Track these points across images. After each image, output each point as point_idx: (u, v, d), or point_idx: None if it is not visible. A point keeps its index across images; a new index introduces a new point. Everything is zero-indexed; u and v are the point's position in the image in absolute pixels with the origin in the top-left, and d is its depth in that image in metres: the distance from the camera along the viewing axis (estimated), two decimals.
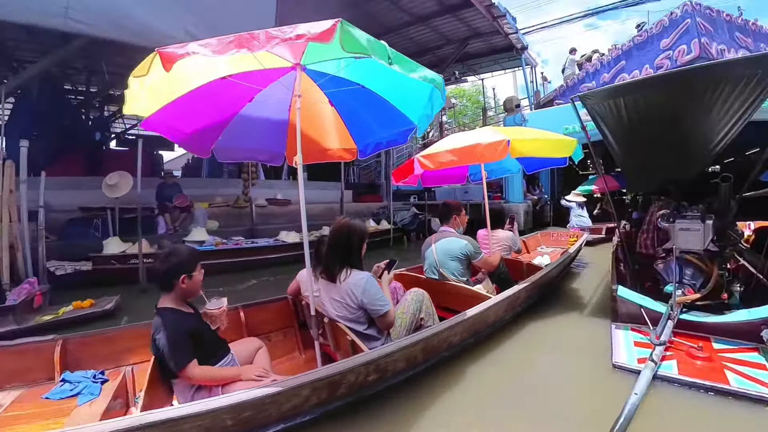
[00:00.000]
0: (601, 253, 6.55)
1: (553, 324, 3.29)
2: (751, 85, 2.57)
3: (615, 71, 9.31)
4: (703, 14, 7.87)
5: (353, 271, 2.06)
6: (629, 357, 2.40)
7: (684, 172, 4.17)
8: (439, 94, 2.35)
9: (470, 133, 3.97)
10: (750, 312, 2.51)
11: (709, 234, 3.09)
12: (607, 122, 3.39)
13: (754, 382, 2.05)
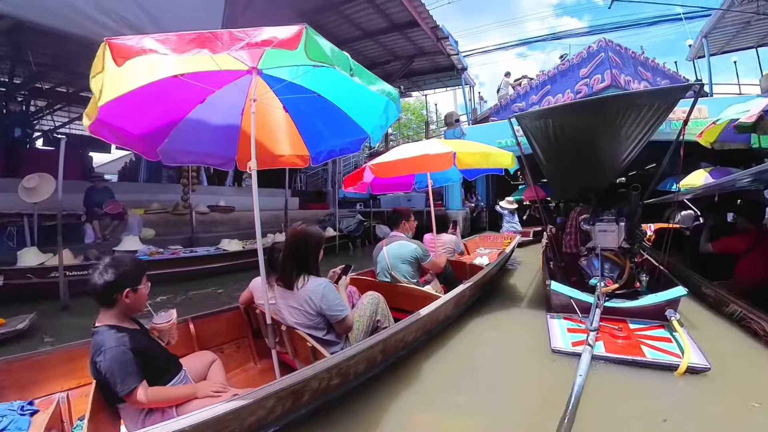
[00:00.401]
0: (531, 253, 7.21)
1: (496, 317, 3.52)
2: (650, 113, 3.07)
3: (542, 94, 10.41)
4: (614, 50, 9.20)
5: (311, 277, 2.02)
6: (565, 342, 2.67)
7: (599, 182, 4.74)
8: (395, 107, 2.42)
9: (419, 144, 4.14)
10: (656, 296, 2.97)
11: (622, 234, 3.58)
12: (537, 139, 3.80)
13: (663, 352, 2.45)
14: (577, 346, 2.54)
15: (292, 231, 2.16)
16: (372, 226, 10.83)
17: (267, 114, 2.56)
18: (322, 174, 15.02)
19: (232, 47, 1.45)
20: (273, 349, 2.02)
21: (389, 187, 5.31)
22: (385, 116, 2.49)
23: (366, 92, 2.28)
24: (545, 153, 4.11)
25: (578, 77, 9.53)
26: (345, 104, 2.64)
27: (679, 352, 2.42)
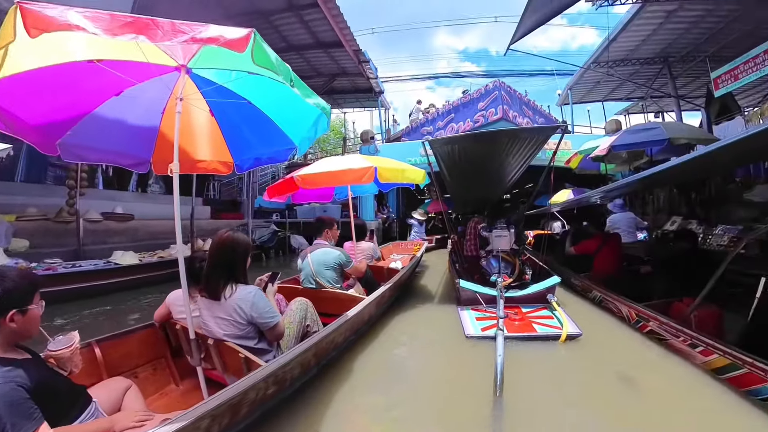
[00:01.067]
0: (435, 257, 7.92)
1: (414, 313, 3.80)
2: (531, 144, 3.82)
3: (447, 120, 11.61)
4: (506, 90, 10.86)
5: (239, 286, 1.89)
6: (476, 329, 3.06)
7: (492, 197, 5.66)
8: (325, 121, 2.43)
9: (342, 158, 4.26)
10: (539, 285, 3.58)
11: (512, 238, 4.28)
12: (444, 160, 4.35)
13: (548, 327, 3.04)
14: (485, 331, 2.97)
15: (218, 238, 2.00)
16: (287, 237, 10.45)
17: (191, 116, 2.36)
18: (237, 183, 13.89)
19: (173, 38, 1.31)
20: (198, 367, 1.82)
21: (309, 198, 5.28)
22: (314, 129, 2.48)
23: (300, 104, 2.26)
24: (450, 172, 4.72)
25: (477, 109, 10.89)
26: (275, 114, 2.57)
27: (560, 325, 3.04)
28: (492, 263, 4.19)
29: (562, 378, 2.32)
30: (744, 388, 1.87)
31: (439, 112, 11.87)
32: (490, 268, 4.20)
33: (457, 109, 11.40)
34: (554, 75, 15.17)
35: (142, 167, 2.42)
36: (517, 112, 10.87)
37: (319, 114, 2.34)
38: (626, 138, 6.00)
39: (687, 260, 3.38)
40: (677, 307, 2.92)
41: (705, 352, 2.16)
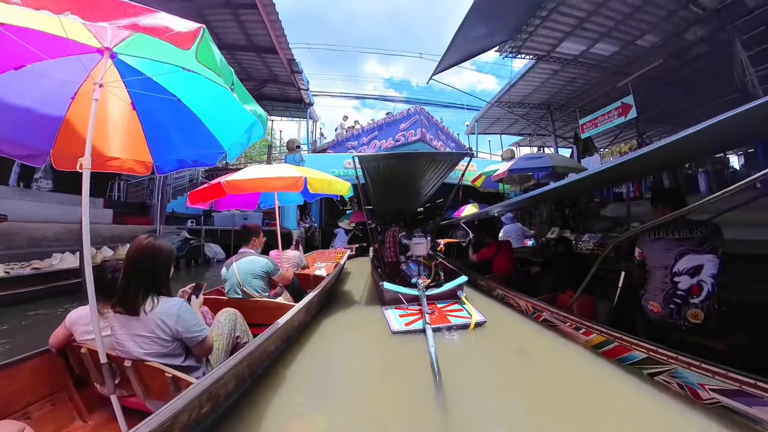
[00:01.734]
0: (357, 265, 7.99)
1: (342, 316, 3.80)
2: (444, 165, 4.43)
3: (371, 137, 12.00)
4: (425, 115, 11.72)
5: (162, 298, 1.64)
6: (400, 325, 3.22)
7: (409, 209, 6.16)
8: (261, 129, 2.32)
9: (272, 167, 4.12)
10: (451, 284, 3.92)
11: (429, 245, 4.72)
12: (370, 175, 4.63)
13: (460, 318, 3.35)
14: (409, 326, 3.18)
15: (137, 245, 1.72)
16: (201, 245, 9.45)
17: (108, 106, 2.04)
18: (147, 184, 11.95)
19: (112, 20, 1.14)
20: (112, 395, 1.52)
21: (235, 204, 4.91)
22: (247, 135, 2.35)
23: (236, 109, 2.15)
24: (375, 186, 5.06)
25: (399, 129, 11.51)
26: (205, 115, 2.39)
27: (469, 316, 3.40)
28: (412, 267, 4.52)
29: (477, 357, 2.70)
30: (616, 357, 2.24)
31: (364, 129, 12.23)
32: (410, 271, 4.49)
33: (381, 127, 11.88)
34: (464, 108, 17.86)
35: (37, 160, 1.97)
36: (433, 136, 11.79)
37: (254, 121, 2.22)
38: (521, 164, 7.14)
39: (565, 261, 4.11)
40: (562, 299, 3.45)
41: (586, 332, 2.52)
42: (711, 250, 2.09)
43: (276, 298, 3.29)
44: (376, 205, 6.24)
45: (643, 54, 8.26)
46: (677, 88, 9.56)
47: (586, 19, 7.03)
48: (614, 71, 8.97)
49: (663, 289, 2.18)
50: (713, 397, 1.65)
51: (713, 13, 6.82)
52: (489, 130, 14.28)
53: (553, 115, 11.66)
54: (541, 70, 9.01)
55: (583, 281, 3.57)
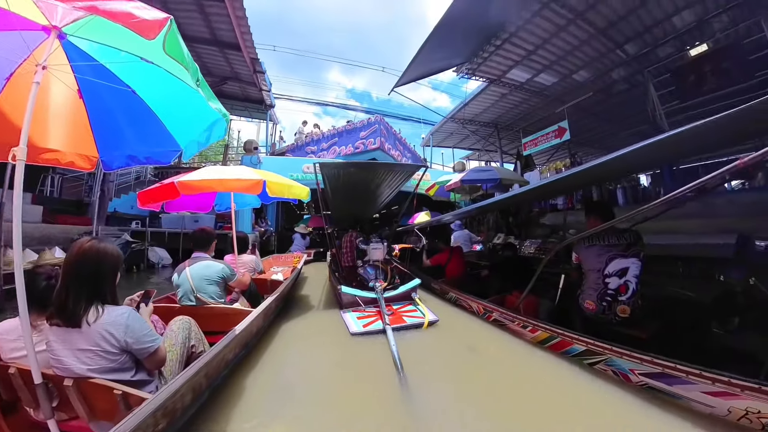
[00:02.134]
0: (314, 269, 7.82)
1: (300, 321, 3.71)
2: (400, 175, 4.71)
3: (331, 143, 11.82)
4: (384, 125, 11.76)
5: (107, 307, 1.45)
6: (358, 327, 3.24)
7: (366, 215, 6.36)
8: (223, 128, 2.19)
9: (230, 168, 3.85)
10: (405, 286, 4.06)
11: (385, 250, 4.82)
12: (330, 181, 4.72)
13: (414, 318, 3.47)
14: (367, 327, 3.22)
15: (79, 249, 1.50)
16: (145, 249, 8.60)
17: (50, 92, 1.79)
18: (87, 179, 10.41)
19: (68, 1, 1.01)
20: (50, 420, 1.31)
21: (188, 206, 4.55)
22: (207, 134, 2.20)
23: (197, 106, 2.00)
24: (334, 192, 5.13)
25: (359, 137, 11.45)
26: (162, 110, 2.20)
27: (423, 315, 3.53)
28: (369, 271, 4.58)
29: (433, 352, 2.83)
30: (560, 351, 2.43)
31: (325, 135, 12.03)
32: (367, 275, 4.55)
33: (341, 134, 11.77)
34: (420, 122, 18.99)
35: None
36: (391, 145, 11.94)
37: (217, 119, 2.09)
38: (472, 175, 7.57)
39: (511, 264, 4.37)
40: (510, 300, 3.68)
41: (532, 330, 2.70)
42: (635, 254, 2.37)
43: (232, 304, 3.11)
44: (335, 210, 6.27)
45: (577, 86, 9.31)
46: (601, 117, 10.85)
47: (534, 52, 7.75)
48: (553, 99, 9.95)
49: (596, 289, 2.42)
50: (641, 380, 1.88)
51: (634, 59, 7.96)
52: (443, 143, 14.88)
53: (500, 133, 12.52)
54: (491, 93, 9.66)
55: (527, 283, 3.91)
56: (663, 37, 7.22)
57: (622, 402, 1.82)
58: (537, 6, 6.35)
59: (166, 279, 7.49)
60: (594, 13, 6.49)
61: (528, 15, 6.59)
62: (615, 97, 9.37)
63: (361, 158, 11.24)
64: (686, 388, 1.67)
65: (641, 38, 7.30)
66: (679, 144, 2.04)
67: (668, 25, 6.87)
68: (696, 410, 1.65)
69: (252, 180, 3.39)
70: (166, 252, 9.56)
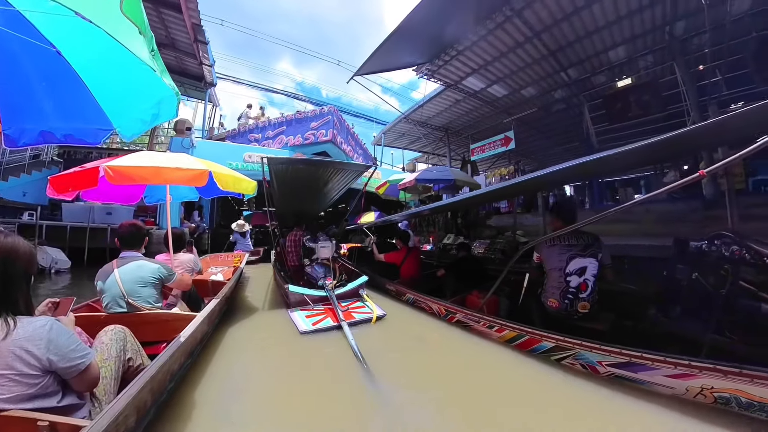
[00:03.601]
0: (256, 270, 7.43)
1: (247, 324, 3.57)
2: (350, 174, 4.90)
3: (278, 131, 11.15)
4: (338, 117, 11.41)
5: (21, 319, 1.21)
6: (307, 325, 3.27)
7: (313, 213, 6.37)
8: (174, 106, 1.91)
9: (169, 155, 3.42)
10: (353, 284, 4.17)
11: (333, 248, 4.92)
12: (278, 177, 4.66)
13: (363, 314, 3.61)
14: (316, 325, 3.27)
15: None
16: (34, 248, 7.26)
17: None
18: None
19: None
20: None
21: (112, 197, 4.01)
22: (153, 112, 1.93)
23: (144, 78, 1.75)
24: (281, 188, 5.03)
25: (309, 127, 10.96)
26: (94, 79, 1.92)
27: (371, 311, 3.68)
28: (317, 269, 4.65)
29: (386, 345, 2.97)
30: (528, 349, 2.54)
31: (271, 122, 11.34)
32: (315, 273, 4.60)
33: (290, 122, 11.20)
34: (373, 121, 19.72)
35: None
36: (343, 139, 11.69)
37: (168, 95, 1.83)
38: (426, 174, 7.86)
39: (466, 264, 4.59)
40: (470, 300, 3.84)
41: (499, 329, 2.78)
42: (592, 254, 2.59)
43: (170, 309, 2.81)
44: (280, 207, 6.04)
45: (524, 101, 10.23)
46: (540, 131, 12.01)
47: (490, 63, 8.29)
48: (502, 110, 10.75)
49: (559, 288, 2.61)
50: (609, 371, 2.06)
51: (574, 82, 9.09)
52: (394, 143, 15.09)
53: (450, 137, 13.12)
54: (447, 97, 10.08)
55: (482, 282, 4.18)
56: (599, 67, 8.39)
57: (589, 392, 1.99)
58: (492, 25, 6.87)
59: (64, 288, 6.47)
60: (549, 35, 7.21)
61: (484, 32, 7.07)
62: (554, 115, 10.47)
63: (311, 151, 10.84)
64: (650, 373, 1.88)
65: (582, 65, 8.36)
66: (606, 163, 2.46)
67: (604, 57, 8.03)
68: (658, 392, 1.86)
69: (196, 170, 3.08)
70: (62, 253, 8.01)
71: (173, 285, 2.82)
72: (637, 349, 1.93)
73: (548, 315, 2.69)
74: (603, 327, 2.52)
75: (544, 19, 6.68)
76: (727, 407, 1.66)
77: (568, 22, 6.74)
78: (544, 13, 6.52)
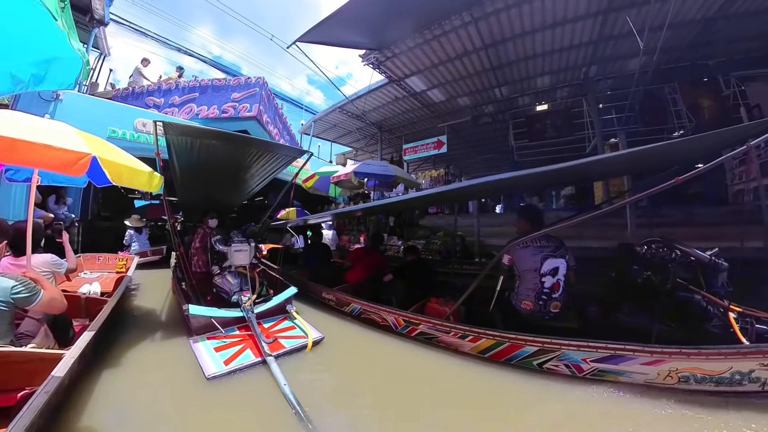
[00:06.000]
0: (156, 277, 6.10)
1: (134, 360, 2.67)
2: (280, 159, 4.08)
3: (186, 98, 9.10)
4: (267, 90, 9.80)
5: None
6: (218, 365, 2.53)
7: (227, 206, 5.43)
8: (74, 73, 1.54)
9: (36, 122, 2.24)
10: (279, 297, 3.56)
11: (253, 252, 4.02)
12: (180, 152, 3.61)
13: (293, 339, 3.03)
14: (231, 362, 2.55)
15: None
16: None
17: None
18: None
19: None
20: None
21: None
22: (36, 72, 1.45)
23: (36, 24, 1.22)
24: (184, 170, 3.97)
25: (229, 98, 9.20)
26: None
27: (304, 334, 3.11)
28: (230, 280, 3.75)
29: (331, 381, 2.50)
30: (507, 356, 2.50)
31: (179, 85, 9.23)
32: (228, 285, 3.73)
33: (204, 89, 9.24)
34: (302, 108, 18.53)
35: None
36: (270, 119, 10.26)
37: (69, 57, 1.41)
38: (365, 168, 7.56)
39: (416, 268, 4.36)
40: (431, 308, 3.48)
41: (474, 339, 2.65)
42: (562, 255, 2.70)
43: (24, 345, 1.97)
44: (184, 195, 4.90)
45: (458, 109, 10.79)
46: (466, 141, 12.86)
47: (436, 66, 8.40)
48: (437, 114, 11.14)
49: (534, 289, 2.65)
50: (592, 366, 2.21)
51: (503, 100, 10.02)
52: (323, 134, 14.26)
53: (383, 135, 13.01)
54: (387, 92, 9.87)
55: (435, 288, 4.05)
56: (527, 90, 9.49)
57: (570, 393, 2.13)
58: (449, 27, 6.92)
59: None
60: (494, 51, 7.64)
61: (439, 32, 7.09)
62: (481, 127, 11.27)
63: (229, 127, 8.97)
64: (629, 363, 2.11)
65: (514, 85, 9.26)
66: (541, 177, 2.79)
67: (533, 82, 9.11)
68: (634, 381, 2.12)
69: (71, 153, 2.03)
70: None
71: (39, 308, 1.98)
72: (619, 342, 2.13)
73: (521, 317, 2.71)
74: (574, 325, 2.68)
75: (495, 35, 7.04)
76: (687, 384, 2.00)
77: (514, 43, 7.31)
78: (497, 29, 6.87)
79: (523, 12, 6.37)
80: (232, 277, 3.78)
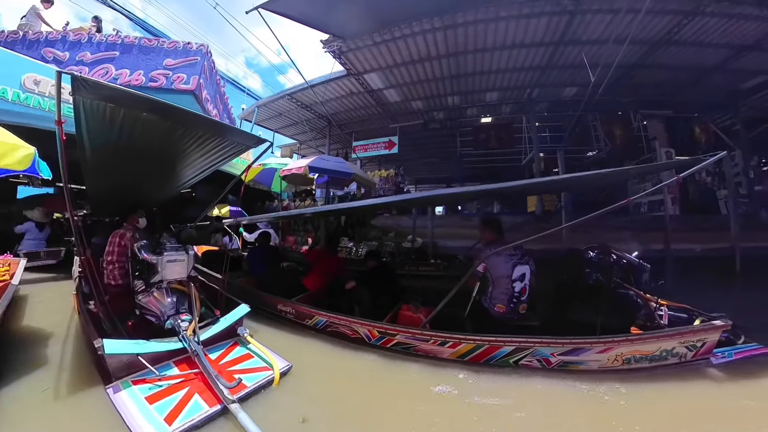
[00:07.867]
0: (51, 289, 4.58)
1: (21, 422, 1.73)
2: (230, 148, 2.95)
3: (101, 56, 6.93)
4: (209, 61, 7.95)
5: None
6: (153, 420, 1.76)
7: (159, 197, 4.09)
8: None
9: None
10: (226, 319, 2.80)
11: (191, 262, 3.06)
12: (92, 126, 2.32)
13: (256, 372, 2.31)
14: (175, 420, 1.77)
15: None
16: None
17: None
18: None
19: None
20: None
21: None
22: None
23: None
24: (99, 149, 2.62)
25: (161, 64, 7.22)
26: None
27: (266, 365, 2.40)
28: (160, 300, 2.80)
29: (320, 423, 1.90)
30: (486, 357, 2.55)
31: (93, 39, 7.05)
32: (158, 306, 2.79)
33: (128, 48, 7.17)
34: (245, 92, 16.33)
35: None
36: (210, 96, 8.30)
37: None
38: (321, 163, 6.77)
39: (379, 275, 3.91)
40: (404, 316, 3.27)
41: (454, 344, 2.63)
42: (526, 261, 2.88)
43: None
44: (96, 182, 3.38)
45: (411, 112, 10.51)
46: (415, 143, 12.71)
47: (397, 66, 7.92)
48: (390, 114, 10.68)
49: (507, 293, 2.82)
50: (559, 359, 2.43)
51: (454, 108, 10.12)
52: (266, 123, 12.71)
53: (332, 130, 12.14)
54: (343, 85, 9.02)
55: (401, 294, 3.86)
56: (477, 102, 9.70)
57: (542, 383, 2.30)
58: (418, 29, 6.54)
59: None
60: (455, 60, 7.47)
61: (408, 32, 6.63)
62: (430, 132, 11.22)
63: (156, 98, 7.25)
64: (588, 354, 2.39)
65: (466, 96, 9.34)
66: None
67: (482, 95, 9.33)
68: (590, 368, 2.40)
69: None
70: None
71: None
72: (580, 337, 2.40)
73: (493, 320, 2.84)
74: (536, 323, 2.90)
75: (459, 45, 6.88)
76: (629, 365, 2.36)
77: (474, 56, 7.25)
78: (462, 40, 6.70)
79: (488, 29, 6.40)
80: (163, 295, 2.80)
